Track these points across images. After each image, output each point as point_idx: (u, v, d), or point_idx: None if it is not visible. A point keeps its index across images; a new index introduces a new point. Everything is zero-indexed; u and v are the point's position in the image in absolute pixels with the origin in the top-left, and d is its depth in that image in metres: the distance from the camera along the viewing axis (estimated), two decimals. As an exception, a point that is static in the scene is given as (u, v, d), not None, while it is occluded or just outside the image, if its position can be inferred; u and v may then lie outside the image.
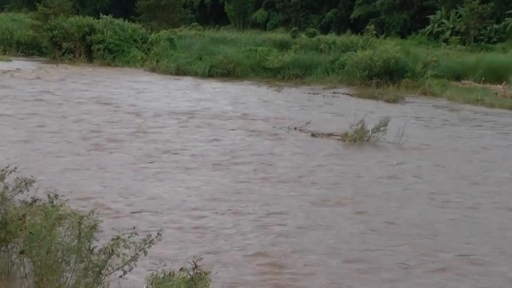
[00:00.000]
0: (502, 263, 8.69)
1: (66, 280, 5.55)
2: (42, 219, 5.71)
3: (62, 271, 5.64)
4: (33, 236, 5.59)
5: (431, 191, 12.25)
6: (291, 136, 16.87)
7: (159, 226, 8.89)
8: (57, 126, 16.67)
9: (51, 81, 25.80)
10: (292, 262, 8.45)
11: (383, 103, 23.38)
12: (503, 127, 19.62)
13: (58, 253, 5.66)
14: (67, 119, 17.64)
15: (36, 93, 22.27)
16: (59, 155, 13.53)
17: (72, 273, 5.57)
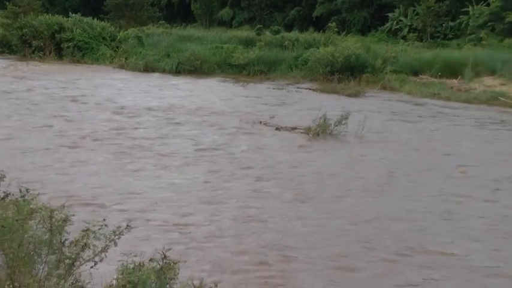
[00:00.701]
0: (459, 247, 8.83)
1: (39, 272, 5.49)
2: (14, 213, 5.64)
3: (34, 263, 5.58)
4: (5, 229, 5.51)
5: (392, 181, 12.39)
6: (256, 130, 16.88)
7: (131, 218, 8.88)
8: (32, 123, 16.51)
9: (24, 79, 25.49)
10: (257, 248, 8.52)
11: (344, 97, 23.47)
12: (459, 119, 19.81)
13: (30, 246, 5.60)
14: (42, 116, 17.45)
15: (7, 89, 22.01)
16: (33, 151, 13.41)
17: (44, 265, 5.51)
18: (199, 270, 7.45)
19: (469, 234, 9.60)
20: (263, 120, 17.84)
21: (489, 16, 36.06)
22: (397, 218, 10.18)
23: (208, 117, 18.38)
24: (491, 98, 23.33)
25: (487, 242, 9.27)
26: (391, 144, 15.88)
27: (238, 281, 7.68)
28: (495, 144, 16.46)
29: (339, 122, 16.24)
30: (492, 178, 12.83)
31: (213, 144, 14.96)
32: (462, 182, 12.58)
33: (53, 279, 5.41)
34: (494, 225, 10.08)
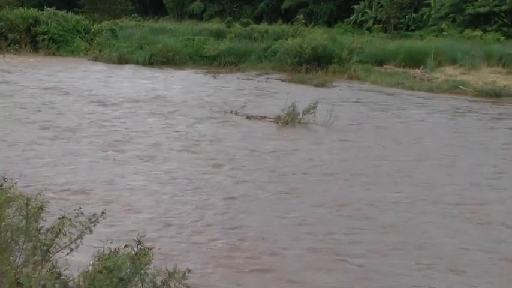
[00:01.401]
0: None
1: (16, 259, 5.44)
2: (-9, 202, 5.59)
3: (11, 250, 5.53)
4: (-17, 218, 5.47)
5: (359, 167, 12.47)
6: (227, 119, 16.87)
7: (108, 207, 8.85)
8: (14, 115, 16.34)
9: (2, 71, 25.25)
10: (229, 236, 8.52)
11: (312, 87, 23.52)
12: (422, 107, 19.96)
13: (7, 233, 5.55)
14: (23, 109, 17.27)
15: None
16: (14, 143, 13.27)
17: (21, 252, 5.47)
18: (174, 257, 7.42)
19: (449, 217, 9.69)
20: (234, 109, 17.81)
21: (450, 8, 36.30)
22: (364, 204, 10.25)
23: (181, 107, 18.34)
24: (452, 87, 23.51)
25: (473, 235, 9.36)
26: (357, 131, 15.96)
27: (212, 267, 7.67)
28: (453, 129, 16.62)
29: (307, 111, 16.29)
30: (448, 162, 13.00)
31: (186, 134, 14.93)
32: (424, 165, 12.71)
33: (30, 265, 5.36)
34: (472, 213, 10.18)
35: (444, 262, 7.90)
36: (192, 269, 5.50)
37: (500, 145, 15.01)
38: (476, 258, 8.15)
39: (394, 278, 7.45)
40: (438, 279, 7.46)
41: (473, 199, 10.63)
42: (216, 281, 7.23)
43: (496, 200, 10.68)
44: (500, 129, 16.93)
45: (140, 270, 5.60)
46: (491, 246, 8.55)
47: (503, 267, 7.94)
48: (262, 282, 7.32)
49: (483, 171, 12.54)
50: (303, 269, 7.65)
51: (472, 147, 14.76)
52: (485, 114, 19.07)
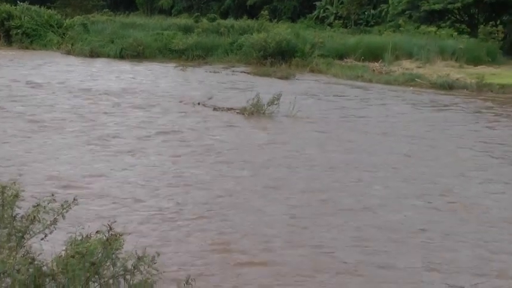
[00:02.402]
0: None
1: (-9, 245, 5.41)
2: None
3: (-14, 237, 5.49)
4: (-41, 206, 5.41)
5: (322, 155, 12.55)
6: (195, 110, 16.84)
7: (81, 195, 8.79)
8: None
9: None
10: (193, 218, 8.55)
11: (276, 80, 23.55)
12: (380, 98, 20.13)
13: (-17, 221, 5.51)
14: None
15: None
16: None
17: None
18: (144, 242, 7.40)
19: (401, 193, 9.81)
20: (202, 101, 17.78)
21: (406, 5, 36.59)
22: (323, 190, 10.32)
23: (150, 99, 18.25)
24: (409, 80, 23.74)
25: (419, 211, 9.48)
26: (318, 121, 16.06)
27: (180, 251, 7.68)
28: (408, 117, 16.82)
29: (272, 102, 16.33)
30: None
31: (155, 124, 14.89)
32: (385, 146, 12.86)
33: (5, 251, 5.32)
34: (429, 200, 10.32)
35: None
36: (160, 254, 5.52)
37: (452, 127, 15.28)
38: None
39: (380, 272, 7.53)
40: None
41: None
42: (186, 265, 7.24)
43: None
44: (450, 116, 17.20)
45: (111, 254, 5.60)
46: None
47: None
48: (227, 263, 7.36)
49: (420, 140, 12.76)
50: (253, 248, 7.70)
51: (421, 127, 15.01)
52: (440, 104, 19.32)
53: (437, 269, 7.27)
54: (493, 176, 11.51)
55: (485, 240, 8.26)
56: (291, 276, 7.13)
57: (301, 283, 6.89)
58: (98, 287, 5.62)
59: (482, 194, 10.41)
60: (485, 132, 15.69)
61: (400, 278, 7.04)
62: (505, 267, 7.46)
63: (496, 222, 9.01)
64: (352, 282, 6.93)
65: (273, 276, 7.14)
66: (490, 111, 18.70)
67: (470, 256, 7.71)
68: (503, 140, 14.75)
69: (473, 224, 8.92)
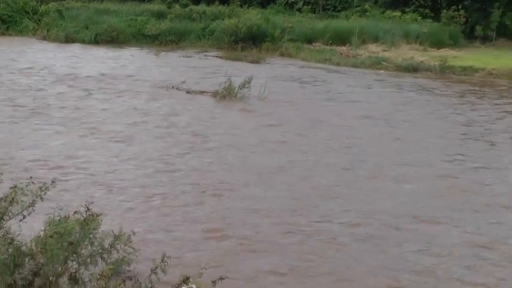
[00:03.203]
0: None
1: (-30, 227, 5.39)
2: None
3: (-35, 219, 5.47)
4: None
5: (293, 134, 12.65)
6: (169, 94, 16.81)
7: (60, 177, 8.78)
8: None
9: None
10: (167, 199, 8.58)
11: (247, 64, 23.50)
12: (348, 81, 20.23)
13: (-38, 203, 5.48)
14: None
15: None
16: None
17: (-25, 220, 5.41)
18: (120, 222, 7.40)
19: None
20: (175, 85, 17.73)
21: (372, -10, 36.63)
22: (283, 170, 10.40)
23: (124, 82, 18.14)
24: (375, 63, 23.85)
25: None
26: (289, 104, 16.12)
27: (149, 228, 7.72)
28: (373, 97, 16.95)
29: (243, 86, 16.35)
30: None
31: (130, 107, 14.86)
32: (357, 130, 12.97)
33: (-16, 233, 5.32)
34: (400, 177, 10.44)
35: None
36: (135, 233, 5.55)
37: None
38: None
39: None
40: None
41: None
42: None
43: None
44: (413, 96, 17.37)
45: (89, 234, 5.61)
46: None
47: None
48: (197, 239, 7.41)
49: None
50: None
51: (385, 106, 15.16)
52: (404, 85, 19.47)
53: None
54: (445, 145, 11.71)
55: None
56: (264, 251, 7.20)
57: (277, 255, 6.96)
58: (76, 265, 5.63)
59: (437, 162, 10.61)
60: (446, 111, 15.90)
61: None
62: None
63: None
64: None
65: (250, 251, 7.21)
66: (445, 91, 18.92)
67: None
68: (465, 119, 14.98)
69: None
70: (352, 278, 6.69)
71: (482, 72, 22.28)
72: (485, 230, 8.13)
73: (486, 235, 7.95)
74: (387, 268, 6.91)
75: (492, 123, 14.77)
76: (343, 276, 6.74)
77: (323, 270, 6.83)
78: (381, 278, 6.67)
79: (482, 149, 12.37)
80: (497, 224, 8.36)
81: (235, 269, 6.71)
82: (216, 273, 5.23)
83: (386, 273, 6.78)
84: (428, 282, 6.63)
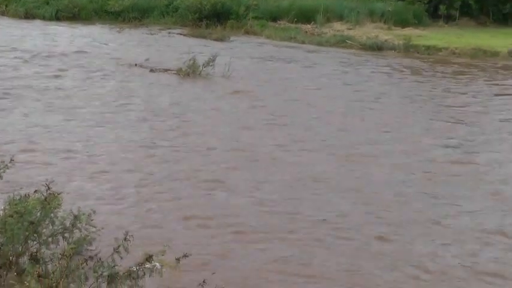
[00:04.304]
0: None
1: None
2: None
3: None
4: None
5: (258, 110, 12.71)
6: (132, 72, 16.67)
7: (18, 155, 8.66)
8: None
9: None
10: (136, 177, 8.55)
11: (212, 41, 23.35)
12: (311, 59, 20.26)
13: None
14: None
15: None
16: None
17: None
18: (82, 202, 7.36)
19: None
20: (138, 62, 17.57)
21: (338, -32, 36.57)
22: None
23: (87, 60, 17.89)
24: (340, 41, 23.88)
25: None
26: (254, 82, 16.13)
27: (115, 210, 7.70)
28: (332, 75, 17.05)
29: (207, 64, 16.30)
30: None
31: (92, 86, 14.72)
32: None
33: None
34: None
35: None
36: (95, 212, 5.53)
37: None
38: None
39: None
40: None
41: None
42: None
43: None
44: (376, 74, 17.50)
45: (50, 213, 5.57)
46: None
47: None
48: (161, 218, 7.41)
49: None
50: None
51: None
52: (372, 64, 19.60)
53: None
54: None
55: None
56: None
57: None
58: (37, 245, 5.59)
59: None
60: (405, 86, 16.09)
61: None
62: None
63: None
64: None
65: (214, 227, 7.25)
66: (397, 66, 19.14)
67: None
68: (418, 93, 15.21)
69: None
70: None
71: (445, 51, 22.48)
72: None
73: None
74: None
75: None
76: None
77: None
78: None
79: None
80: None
81: (199, 246, 6.74)
82: (180, 251, 5.25)
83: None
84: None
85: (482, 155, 10.79)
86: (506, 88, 16.64)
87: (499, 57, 21.73)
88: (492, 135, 12.08)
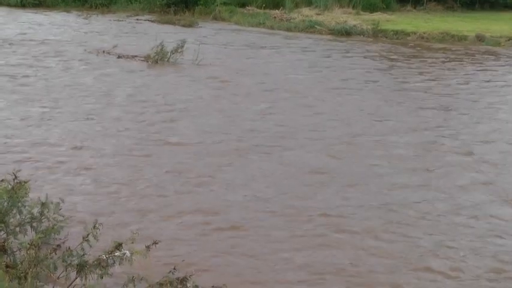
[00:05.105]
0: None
1: None
2: None
3: None
4: None
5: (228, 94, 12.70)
6: (100, 58, 16.52)
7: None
8: None
9: None
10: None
11: (180, 28, 23.22)
12: (279, 45, 20.27)
13: None
14: None
15: None
16: None
17: None
18: (50, 191, 7.29)
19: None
20: (106, 49, 17.41)
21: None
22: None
23: (53, 48, 17.66)
24: (308, 26, 23.90)
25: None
26: (222, 68, 16.09)
27: (80, 195, 7.65)
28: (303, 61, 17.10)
29: (176, 50, 16.21)
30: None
31: (62, 73, 14.59)
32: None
33: None
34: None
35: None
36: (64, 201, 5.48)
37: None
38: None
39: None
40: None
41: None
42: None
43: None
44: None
45: (17, 202, 5.51)
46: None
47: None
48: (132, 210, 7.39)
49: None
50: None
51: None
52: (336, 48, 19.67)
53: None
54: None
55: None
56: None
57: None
58: (5, 235, 5.53)
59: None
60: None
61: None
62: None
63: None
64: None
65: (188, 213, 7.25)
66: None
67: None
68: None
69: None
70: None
71: (414, 35, 22.63)
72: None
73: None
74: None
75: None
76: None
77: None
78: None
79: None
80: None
81: (166, 232, 6.74)
82: (149, 238, 5.25)
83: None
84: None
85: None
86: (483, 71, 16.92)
87: (467, 41, 21.95)
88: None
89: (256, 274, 6.09)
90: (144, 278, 4.85)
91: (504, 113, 12.87)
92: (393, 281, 6.09)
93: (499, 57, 19.46)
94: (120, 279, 5.06)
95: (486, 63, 18.44)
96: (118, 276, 5.17)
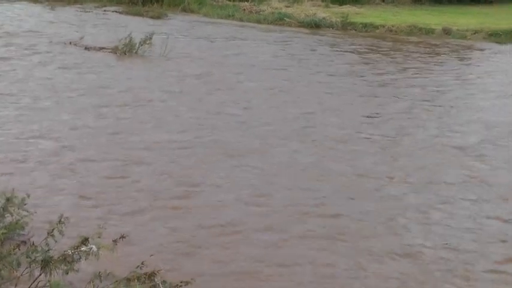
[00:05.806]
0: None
1: None
2: None
3: None
4: None
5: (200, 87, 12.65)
6: (66, 50, 16.30)
7: None
8: None
9: None
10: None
11: (149, 19, 22.98)
12: (249, 37, 20.23)
13: None
14: None
15: None
16: None
17: None
18: (13, 184, 7.17)
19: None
20: (73, 41, 17.18)
21: None
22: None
23: (16, 40, 17.34)
24: (278, 19, 23.85)
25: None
26: (191, 60, 16.02)
27: (45, 190, 7.55)
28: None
29: (144, 42, 16.08)
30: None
31: (28, 65, 14.37)
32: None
33: None
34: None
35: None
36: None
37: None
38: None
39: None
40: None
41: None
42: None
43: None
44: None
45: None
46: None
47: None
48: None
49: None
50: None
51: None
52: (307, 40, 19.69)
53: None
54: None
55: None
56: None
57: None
58: (-34, 231, 5.40)
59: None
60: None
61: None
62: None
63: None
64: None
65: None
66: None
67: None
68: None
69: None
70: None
71: (382, 28, 22.73)
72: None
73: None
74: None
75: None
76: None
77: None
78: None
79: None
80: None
81: (135, 227, 6.68)
82: (117, 232, 5.16)
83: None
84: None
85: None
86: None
87: (434, 34, 22.12)
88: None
89: (223, 267, 6.06)
90: (111, 274, 4.76)
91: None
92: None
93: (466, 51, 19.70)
94: (87, 274, 4.96)
95: (445, 56, 18.72)
96: (84, 272, 5.07)
